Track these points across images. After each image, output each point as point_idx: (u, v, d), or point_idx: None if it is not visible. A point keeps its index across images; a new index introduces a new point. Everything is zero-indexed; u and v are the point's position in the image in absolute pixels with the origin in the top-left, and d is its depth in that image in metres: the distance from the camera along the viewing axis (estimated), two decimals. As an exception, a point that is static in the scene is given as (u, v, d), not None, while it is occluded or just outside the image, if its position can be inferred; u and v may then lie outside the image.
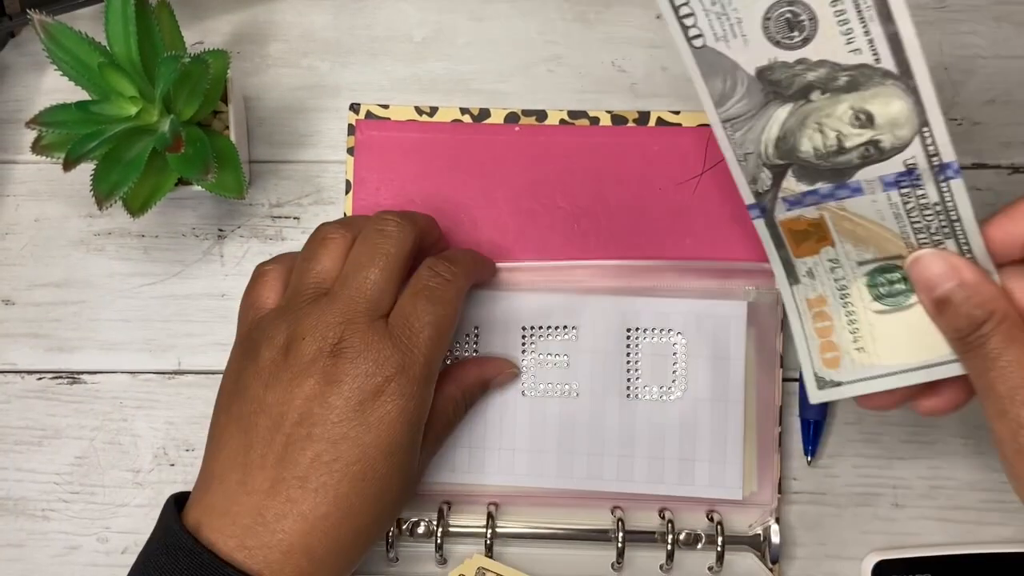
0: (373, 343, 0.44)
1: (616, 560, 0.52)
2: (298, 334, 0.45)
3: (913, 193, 0.41)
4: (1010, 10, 0.57)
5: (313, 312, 0.45)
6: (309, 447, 0.43)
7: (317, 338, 0.44)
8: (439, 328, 0.46)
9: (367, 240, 0.47)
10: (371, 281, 0.46)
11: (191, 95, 0.50)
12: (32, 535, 0.55)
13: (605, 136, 0.56)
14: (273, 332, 0.46)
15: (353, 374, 0.44)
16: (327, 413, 0.44)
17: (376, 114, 0.56)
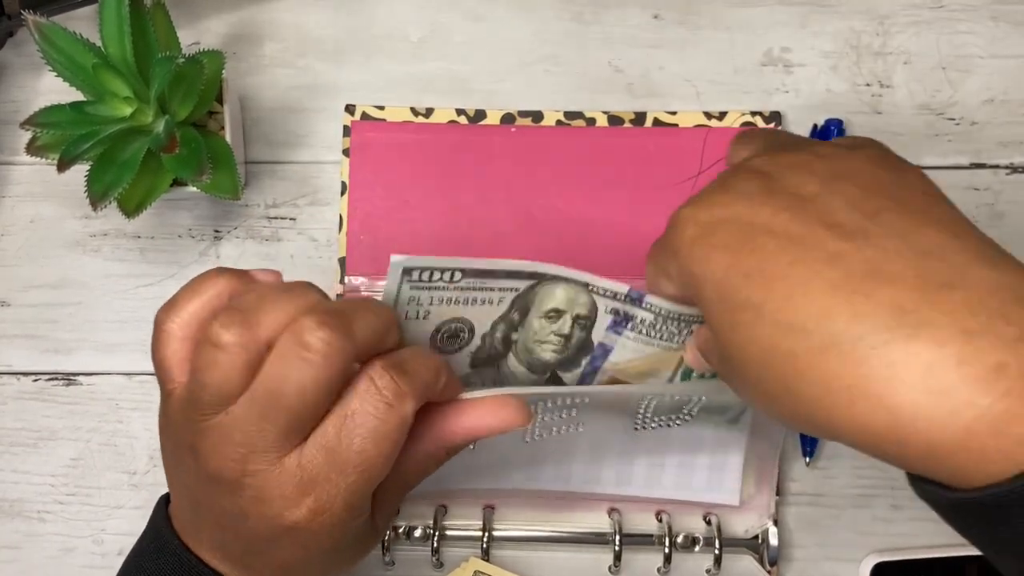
0: (280, 484, 0.38)
1: (613, 563, 0.52)
2: (200, 450, 0.38)
3: (636, 323, 0.46)
4: (1007, 9, 0.57)
5: (214, 432, 0.38)
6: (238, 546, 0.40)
7: (219, 465, 0.38)
8: (368, 471, 0.38)
9: (284, 361, 0.37)
10: (288, 406, 0.37)
11: (186, 95, 0.50)
12: (28, 537, 0.54)
13: (601, 137, 0.56)
14: (178, 428, 0.40)
15: (258, 513, 0.38)
16: (242, 531, 0.39)
17: (371, 115, 0.56)
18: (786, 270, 0.34)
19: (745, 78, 0.57)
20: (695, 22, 0.57)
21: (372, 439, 0.37)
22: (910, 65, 0.57)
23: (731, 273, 0.36)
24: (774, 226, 0.35)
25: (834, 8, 0.57)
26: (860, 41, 0.57)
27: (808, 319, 0.33)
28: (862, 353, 0.32)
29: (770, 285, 0.34)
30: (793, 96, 0.57)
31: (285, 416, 0.37)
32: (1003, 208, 0.56)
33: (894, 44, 0.57)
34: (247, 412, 0.37)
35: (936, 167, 0.56)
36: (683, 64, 0.57)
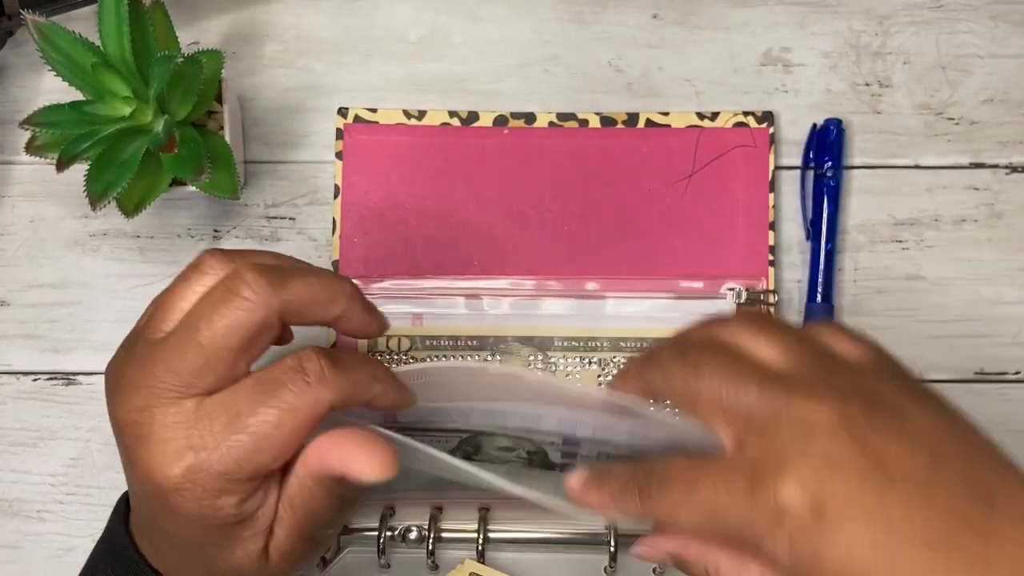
0: (165, 429, 0.37)
1: (609, 564, 0.52)
2: (115, 381, 0.39)
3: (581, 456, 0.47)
4: (1007, 9, 0.57)
5: (132, 363, 0.38)
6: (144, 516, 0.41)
7: (121, 396, 0.38)
8: (261, 440, 0.36)
9: (211, 297, 0.38)
10: (192, 352, 0.37)
11: (185, 95, 0.50)
12: (27, 536, 0.54)
13: (594, 138, 0.56)
14: (114, 360, 0.40)
15: (139, 460, 0.37)
16: (133, 485, 0.40)
17: (364, 118, 0.56)
18: None
19: (744, 78, 0.57)
20: (694, 22, 0.57)
21: (278, 411, 0.36)
22: (910, 65, 0.57)
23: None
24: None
25: (833, 8, 0.57)
26: (860, 41, 0.57)
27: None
28: None
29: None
30: (792, 96, 0.57)
31: (194, 354, 0.36)
32: (1002, 208, 0.56)
33: (894, 44, 0.57)
34: (165, 344, 0.37)
35: (935, 167, 0.56)
36: (683, 64, 0.57)
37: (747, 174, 0.56)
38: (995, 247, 0.55)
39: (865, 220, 0.56)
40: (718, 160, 0.55)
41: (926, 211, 0.56)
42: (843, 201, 0.56)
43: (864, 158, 0.56)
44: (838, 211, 0.55)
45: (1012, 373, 0.55)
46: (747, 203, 0.55)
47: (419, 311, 0.55)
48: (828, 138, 0.55)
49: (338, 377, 0.38)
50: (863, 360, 0.38)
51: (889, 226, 0.56)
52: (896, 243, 0.56)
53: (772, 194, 0.55)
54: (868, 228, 0.56)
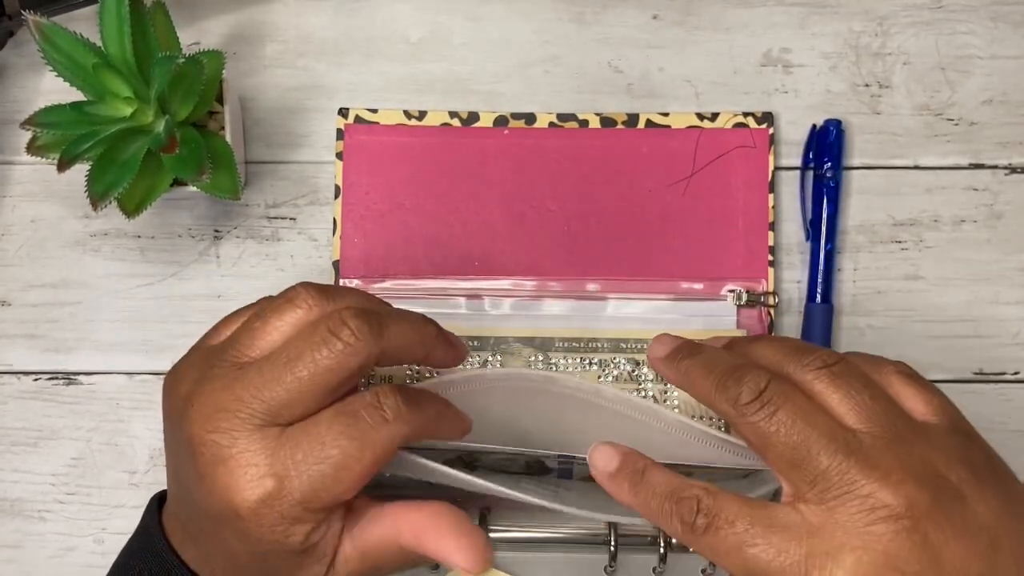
0: (246, 454, 0.37)
1: (609, 563, 0.52)
2: (192, 398, 0.39)
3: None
4: (1007, 10, 0.57)
5: (215, 380, 0.39)
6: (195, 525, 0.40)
7: (199, 415, 0.38)
8: (341, 471, 0.37)
9: (312, 336, 0.38)
10: (285, 385, 0.38)
11: (186, 96, 0.50)
12: (28, 536, 0.55)
13: (594, 138, 0.56)
14: (185, 375, 0.41)
15: (211, 479, 0.38)
16: (198, 502, 0.39)
17: (365, 118, 0.56)
18: None
19: (744, 79, 0.57)
20: (694, 23, 0.57)
21: (358, 443, 0.38)
22: (909, 66, 0.57)
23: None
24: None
25: (833, 9, 0.57)
26: (859, 42, 0.57)
27: None
28: None
29: None
30: (792, 96, 0.57)
31: (288, 388, 0.38)
32: (1002, 208, 0.56)
33: (893, 45, 0.57)
34: (256, 371, 0.38)
35: (935, 167, 0.56)
36: (683, 65, 0.57)
37: (747, 175, 0.56)
38: (994, 248, 0.56)
39: (864, 221, 0.56)
40: (718, 161, 0.56)
41: (925, 212, 0.56)
42: (843, 202, 0.56)
43: (864, 159, 0.56)
44: (838, 212, 0.55)
45: (1011, 373, 0.55)
46: (747, 204, 0.55)
47: (419, 311, 0.55)
48: (828, 139, 0.55)
49: (412, 414, 0.39)
50: (933, 423, 0.38)
51: (888, 227, 0.56)
52: (895, 244, 0.56)
53: (772, 195, 0.55)
54: (867, 229, 0.56)
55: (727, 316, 0.54)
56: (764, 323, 0.54)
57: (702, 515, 0.37)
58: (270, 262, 0.56)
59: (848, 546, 0.34)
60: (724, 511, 0.37)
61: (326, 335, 0.38)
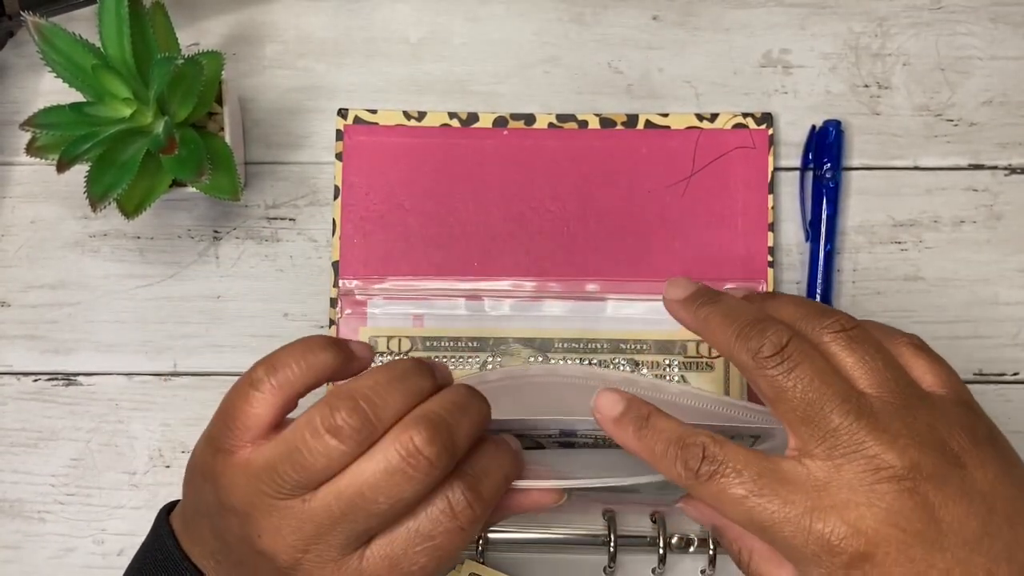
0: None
1: (608, 564, 0.52)
2: (256, 527, 0.37)
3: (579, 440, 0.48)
4: (1007, 11, 0.57)
5: (281, 514, 0.37)
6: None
7: (275, 546, 0.37)
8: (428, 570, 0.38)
9: (386, 468, 0.36)
10: (368, 512, 0.36)
11: (185, 96, 0.50)
12: (28, 537, 0.55)
13: (594, 139, 0.56)
14: (235, 495, 0.38)
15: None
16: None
17: (364, 119, 0.56)
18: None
19: (744, 79, 0.57)
20: (694, 23, 0.57)
21: (437, 557, 0.38)
22: (909, 66, 0.57)
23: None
24: None
25: (833, 9, 0.57)
26: (859, 42, 0.57)
27: None
28: None
29: None
30: (792, 97, 0.57)
31: (366, 520, 0.37)
32: (1001, 209, 0.56)
33: (893, 45, 0.57)
34: (328, 506, 0.36)
35: (935, 168, 0.56)
36: (682, 66, 0.57)
37: (746, 175, 0.56)
38: (994, 248, 0.56)
39: (864, 221, 0.56)
40: (717, 161, 0.56)
41: (925, 212, 0.56)
42: (842, 202, 0.56)
43: (863, 159, 0.56)
44: (837, 212, 0.55)
45: (1011, 374, 0.55)
46: (746, 204, 0.55)
47: (420, 312, 0.55)
48: (827, 139, 0.55)
49: (486, 506, 0.39)
50: (940, 393, 0.39)
51: (888, 227, 0.56)
52: (895, 244, 0.56)
53: (771, 195, 0.55)
54: (867, 229, 0.56)
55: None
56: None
57: (707, 462, 0.37)
58: (269, 263, 0.56)
59: (852, 502, 0.36)
60: (730, 460, 0.37)
61: (400, 463, 0.36)
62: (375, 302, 0.55)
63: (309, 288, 0.56)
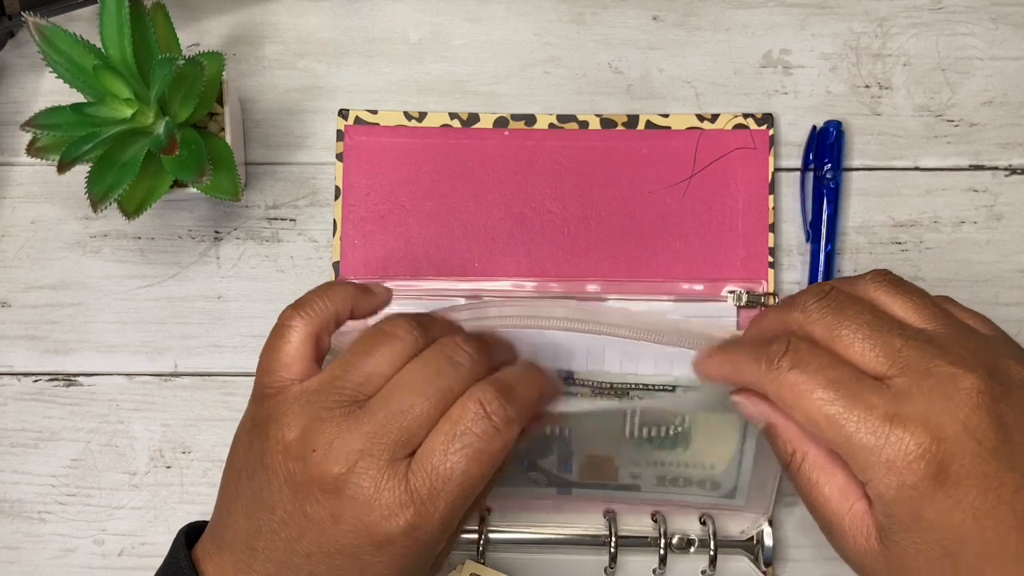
0: (385, 490, 0.38)
1: (609, 564, 0.52)
2: (311, 443, 0.39)
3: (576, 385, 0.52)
4: (1007, 11, 0.57)
5: (335, 425, 0.39)
6: (306, 567, 0.39)
7: (328, 459, 0.39)
8: (467, 490, 0.39)
9: (430, 362, 0.40)
10: (413, 414, 0.39)
11: (186, 97, 0.50)
12: (28, 537, 0.55)
13: (594, 140, 0.56)
14: (288, 422, 0.40)
15: (356, 516, 0.38)
16: (325, 543, 0.39)
17: (365, 119, 0.56)
18: None
19: (744, 80, 0.57)
20: (694, 24, 0.57)
21: (477, 460, 0.39)
22: (909, 67, 0.57)
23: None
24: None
25: (833, 10, 0.57)
26: (859, 43, 0.57)
27: None
28: None
29: None
30: (792, 98, 0.57)
31: (411, 419, 0.39)
32: (1001, 210, 0.56)
33: (893, 46, 0.57)
34: (377, 409, 0.39)
35: (935, 169, 0.56)
36: (683, 66, 0.57)
37: (747, 176, 0.56)
38: (994, 249, 0.56)
39: (865, 222, 0.56)
40: (718, 162, 0.56)
41: (925, 213, 0.56)
42: (843, 203, 0.56)
43: (864, 160, 0.56)
44: (838, 213, 0.55)
45: (1011, 375, 0.55)
46: (747, 205, 0.55)
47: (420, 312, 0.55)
48: (828, 140, 0.55)
49: (520, 411, 0.40)
50: (985, 331, 0.40)
51: (889, 228, 0.56)
52: (895, 245, 0.56)
53: (772, 196, 0.55)
54: (868, 230, 0.56)
55: (727, 317, 0.54)
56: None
57: (791, 354, 0.38)
58: (270, 263, 0.56)
59: (933, 411, 0.36)
60: (815, 357, 0.38)
61: (445, 364, 0.40)
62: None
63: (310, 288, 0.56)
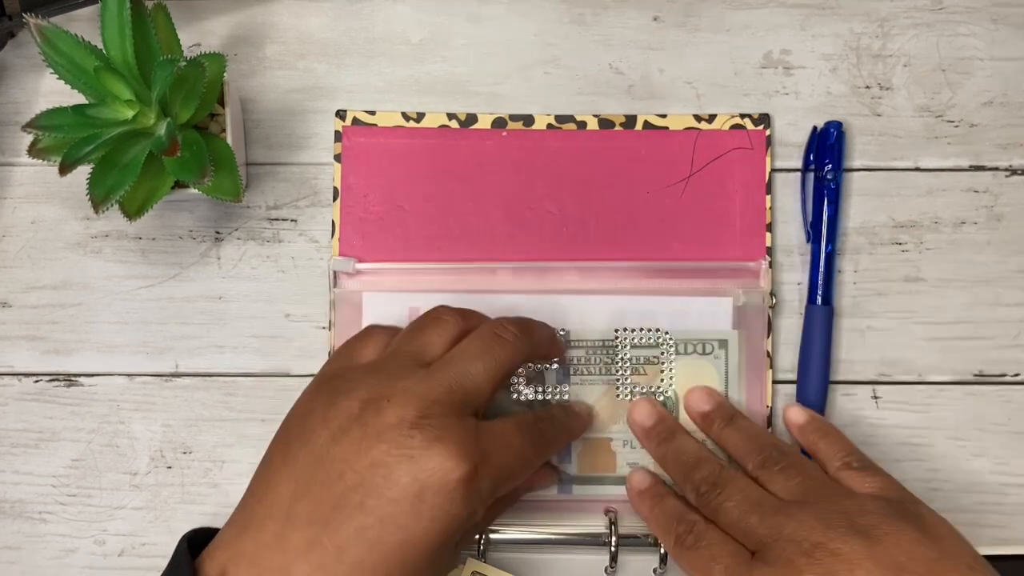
0: (459, 434, 0.42)
1: (609, 564, 0.52)
2: (383, 394, 0.43)
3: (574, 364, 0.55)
4: (1008, 12, 0.57)
5: (407, 378, 0.44)
6: (357, 517, 0.40)
7: (403, 405, 0.42)
8: (525, 463, 0.46)
9: (483, 337, 0.46)
10: (473, 374, 0.44)
11: (187, 98, 0.50)
12: (29, 537, 0.55)
13: (592, 140, 0.56)
14: (358, 384, 0.44)
15: (427, 456, 0.41)
16: (386, 487, 0.41)
17: (363, 120, 0.56)
18: None
19: (745, 80, 0.57)
20: (695, 24, 0.57)
21: (536, 442, 0.47)
22: (910, 67, 0.57)
23: None
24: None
25: (834, 10, 0.57)
26: (860, 43, 0.57)
27: None
28: None
29: None
30: (793, 98, 0.57)
31: (471, 379, 0.44)
32: (1002, 210, 0.56)
33: (894, 46, 0.57)
34: (442, 368, 0.44)
35: (935, 169, 0.56)
36: (683, 66, 0.57)
37: (744, 176, 0.56)
38: (994, 249, 0.56)
39: (865, 222, 0.56)
40: (715, 162, 0.56)
41: (926, 213, 0.56)
42: (843, 203, 0.56)
43: (864, 160, 0.56)
44: (838, 213, 0.55)
45: (1011, 375, 0.55)
46: (744, 205, 0.55)
47: (416, 305, 0.55)
48: (828, 140, 0.55)
49: (526, 335, 0.48)
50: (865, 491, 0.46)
51: (889, 228, 0.56)
52: (896, 245, 0.56)
53: (769, 196, 0.55)
54: (868, 230, 0.56)
55: (724, 316, 0.54)
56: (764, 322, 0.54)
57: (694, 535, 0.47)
58: (271, 264, 0.56)
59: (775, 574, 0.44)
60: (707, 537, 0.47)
61: (494, 337, 0.46)
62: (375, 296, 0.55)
63: (311, 289, 0.56)
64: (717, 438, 0.52)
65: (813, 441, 0.51)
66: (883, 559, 0.41)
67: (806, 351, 0.54)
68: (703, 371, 0.54)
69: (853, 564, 0.41)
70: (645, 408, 0.53)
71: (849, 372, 0.55)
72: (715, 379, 0.54)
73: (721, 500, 0.47)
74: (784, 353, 0.55)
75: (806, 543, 0.43)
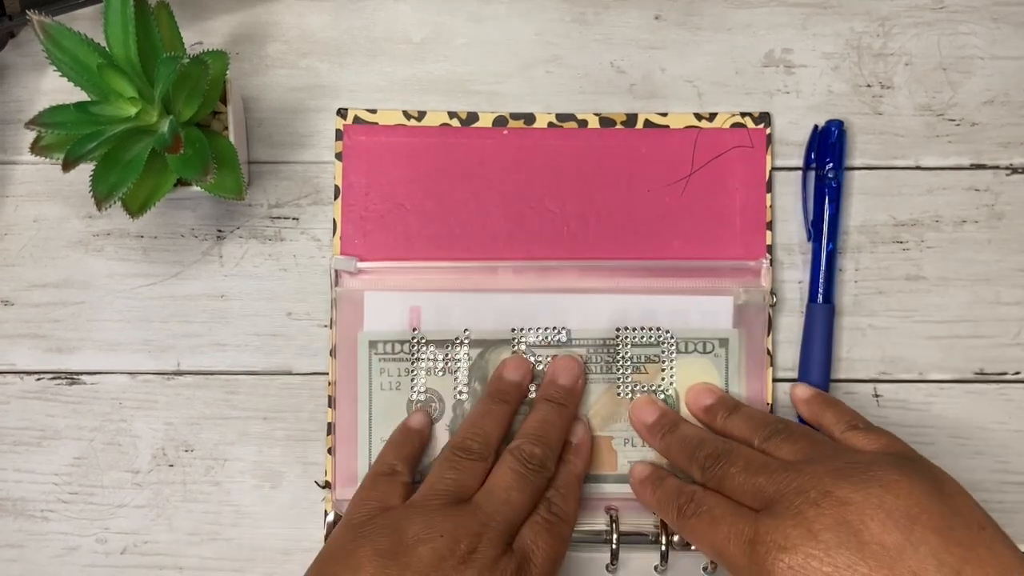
0: (505, 567, 0.45)
1: (611, 561, 0.53)
2: (434, 531, 0.45)
3: None
4: (1008, 11, 0.57)
5: (452, 515, 0.46)
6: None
7: (453, 541, 0.45)
8: (557, 564, 0.48)
9: (514, 469, 0.49)
10: (512, 504, 0.47)
11: (190, 96, 0.50)
12: (31, 536, 0.55)
13: (593, 139, 0.56)
14: (404, 525, 0.46)
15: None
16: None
17: (364, 119, 0.56)
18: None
19: (746, 79, 0.57)
20: (696, 23, 0.58)
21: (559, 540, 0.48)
22: (911, 66, 0.57)
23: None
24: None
25: (835, 9, 0.57)
26: (861, 42, 0.57)
27: None
28: None
29: None
30: (794, 97, 0.57)
31: (511, 509, 0.47)
32: (1003, 209, 0.56)
33: (895, 45, 0.57)
34: (483, 502, 0.47)
35: (936, 168, 0.56)
36: (684, 65, 0.57)
37: (744, 174, 0.56)
38: (995, 248, 0.56)
39: (866, 221, 0.56)
40: (716, 161, 0.56)
41: (927, 212, 0.56)
42: (844, 202, 0.56)
43: (865, 159, 0.56)
44: (839, 212, 0.55)
45: (1012, 373, 0.55)
46: (745, 203, 0.56)
47: (417, 304, 0.55)
48: (829, 139, 0.55)
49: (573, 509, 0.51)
50: (871, 449, 0.47)
51: (890, 227, 0.56)
52: (897, 244, 0.56)
53: (769, 194, 0.56)
54: (869, 229, 0.56)
55: (725, 314, 0.54)
56: (764, 320, 0.54)
57: (694, 505, 0.47)
58: (273, 262, 0.56)
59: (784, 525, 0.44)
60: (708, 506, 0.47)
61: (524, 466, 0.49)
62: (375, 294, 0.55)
63: (313, 287, 0.56)
64: (722, 429, 0.52)
65: (819, 412, 0.51)
66: (896, 510, 0.41)
67: (807, 349, 0.54)
68: (704, 370, 0.54)
69: (865, 514, 0.41)
70: (646, 405, 0.53)
71: (850, 370, 0.55)
72: (716, 378, 0.54)
73: (727, 468, 0.47)
74: (785, 351, 0.55)
75: (814, 492, 0.43)
